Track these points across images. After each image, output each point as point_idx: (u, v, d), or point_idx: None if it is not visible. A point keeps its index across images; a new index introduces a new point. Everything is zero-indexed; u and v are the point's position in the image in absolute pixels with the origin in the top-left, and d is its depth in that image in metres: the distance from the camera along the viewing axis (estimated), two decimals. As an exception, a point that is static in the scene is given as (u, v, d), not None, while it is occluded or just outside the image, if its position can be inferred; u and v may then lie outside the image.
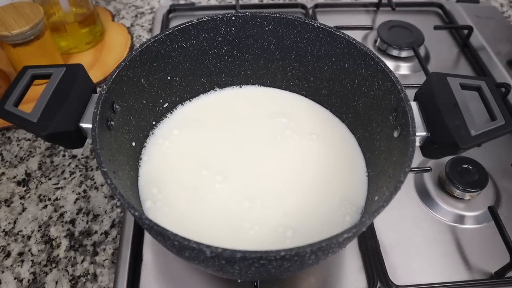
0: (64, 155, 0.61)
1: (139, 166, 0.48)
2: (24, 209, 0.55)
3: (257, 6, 0.88)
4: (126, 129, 0.46)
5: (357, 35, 0.69)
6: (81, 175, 0.58)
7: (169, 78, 0.50)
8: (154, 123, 0.51)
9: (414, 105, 0.41)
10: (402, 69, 0.73)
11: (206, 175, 0.47)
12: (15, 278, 0.49)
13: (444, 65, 0.74)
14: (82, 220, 0.54)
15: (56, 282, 0.48)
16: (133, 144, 0.48)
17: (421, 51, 0.73)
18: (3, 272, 0.49)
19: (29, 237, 0.52)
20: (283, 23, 0.49)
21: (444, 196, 0.54)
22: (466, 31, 0.77)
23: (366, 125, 0.48)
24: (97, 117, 0.38)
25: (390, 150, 0.42)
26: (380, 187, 0.42)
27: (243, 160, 0.49)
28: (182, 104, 0.54)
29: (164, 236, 0.32)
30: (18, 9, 0.61)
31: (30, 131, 0.38)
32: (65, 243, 0.52)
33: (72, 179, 0.58)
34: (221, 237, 0.42)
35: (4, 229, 0.53)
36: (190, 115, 0.53)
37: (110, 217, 0.54)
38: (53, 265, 0.50)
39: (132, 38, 0.79)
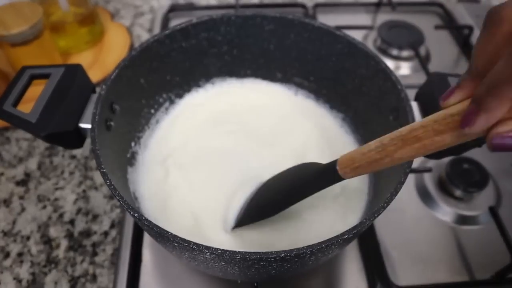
0: (63, 155, 0.61)
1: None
2: (23, 210, 0.55)
3: (257, 6, 0.87)
4: (125, 129, 0.45)
5: (357, 35, 0.68)
6: (80, 175, 0.58)
7: (168, 77, 0.50)
8: (153, 123, 0.51)
9: (414, 105, 0.41)
10: (402, 69, 0.73)
11: (206, 175, 0.47)
12: (14, 279, 0.49)
13: (444, 65, 0.74)
14: (82, 221, 0.53)
15: (56, 283, 0.48)
16: (133, 144, 0.48)
17: (422, 51, 0.73)
18: (2, 272, 0.49)
19: (28, 238, 0.52)
20: (283, 23, 0.49)
21: (445, 197, 0.53)
22: (466, 31, 0.77)
23: (366, 125, 0.48)
24: (96, 117, 0.38)
25: (390, 151, 0.42)
26: (381, 187, 0.42)
27: (243, 159, 0.48)
28: (181, 104, 0.54)
29: (164, 237, 0.32)
30: (17, 8, 0.61)
31: (29, 131, 0.38)
32: (64, 243, 0.51)
33: (71, 179, 0.58)
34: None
35: (3, 230, 0.53)
36: (190, 115, 0.53)
37: (109, 217, 0.54)
38: (53, 265, 0.49)
39: (131, 38, 0.79)
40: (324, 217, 0.44)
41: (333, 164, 0.34)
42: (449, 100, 0.26)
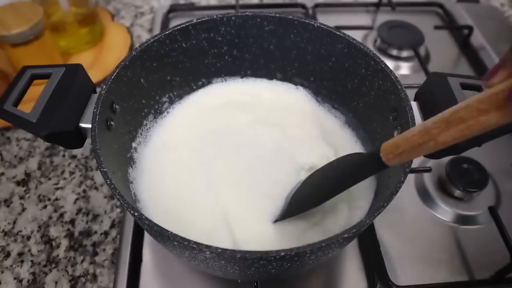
0: (64, 155, 0.61)
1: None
2: (23, 209, 0.55)
3: (257, 6, 0.87)
4: (125, 129, 0.46)
5: (357, 35, 0.68)
6: (80, 175, 0.58)
7: (168, 78, 0.50)
8: (153, 123, 0.51)
9: (414, 105, 0.41)
10: (402, 69, 0.73)
11: (205, 175, 0.47)
12: (14, 278, 0.49)
13: (444, 65, 0.74)
14: (82, 220, 0.54)
15: (56, 282, 0.48)
16: (133, 144, 0.48)
17: (421, 51, 0.73)
18: (2, 272, 0.49)
19: (28, 237, 0.52)
20: (283, 23, 0.49)
21: (444, 196, 0.53)
22: (466, 31, 0.77)
23: (366, 125, 0.48)
24: (97, 117, 0.38)
25: (390, 150, 0.42)
26: (380, 187, 0.42)
27: (243, 161, 0.48)
28: (182, 104, 0.54)
29: (164, 236, 0.32)
30: (17, 9, 0.61)
31: (29, 131, 0.38)
32: (64, 243, 0.51)
33: (72, 179, 0.58)
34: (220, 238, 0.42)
35: (3, 230, 0.53)
36: (190, 114, 0.53)
37: (110, 217, 0.54)
38: (53, 265, 0.50)
39: (131, 38, 0.79)
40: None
41: (376, 152, 0.33)
42: (493, 80, 0.25)
